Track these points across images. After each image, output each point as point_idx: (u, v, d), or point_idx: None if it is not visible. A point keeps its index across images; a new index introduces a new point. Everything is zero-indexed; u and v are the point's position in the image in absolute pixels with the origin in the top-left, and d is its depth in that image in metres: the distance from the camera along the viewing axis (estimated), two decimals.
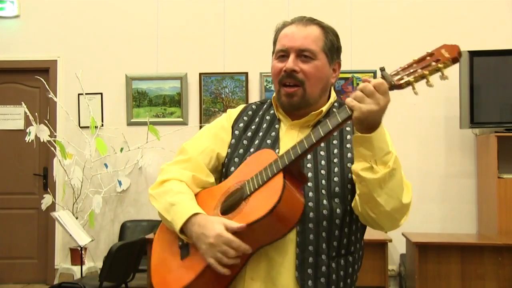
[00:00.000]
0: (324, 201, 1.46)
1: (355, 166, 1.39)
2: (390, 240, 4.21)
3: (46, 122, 5.18)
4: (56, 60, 5.51)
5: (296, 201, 1.37)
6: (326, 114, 1.59)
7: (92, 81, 5.34)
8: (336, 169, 1.49)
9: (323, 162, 1.50)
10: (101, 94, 5.43)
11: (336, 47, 1.59)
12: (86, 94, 5.21)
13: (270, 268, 1.44)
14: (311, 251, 1.44)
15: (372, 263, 4.12)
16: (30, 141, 4.96)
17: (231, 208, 1.44)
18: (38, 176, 5.56)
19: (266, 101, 1.69)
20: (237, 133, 1.63)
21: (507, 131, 4.60)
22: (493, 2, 5.12)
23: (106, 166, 5.22)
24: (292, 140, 1.52)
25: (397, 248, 4.98)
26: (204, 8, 5.40)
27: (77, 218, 4.87)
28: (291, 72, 1.52)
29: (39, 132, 4.95)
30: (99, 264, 4.59)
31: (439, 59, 1.28)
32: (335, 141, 1.54)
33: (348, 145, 1.52)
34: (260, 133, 1.61)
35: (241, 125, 1.64)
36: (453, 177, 5.08)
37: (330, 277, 1.46)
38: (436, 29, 5.13)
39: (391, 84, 1.31)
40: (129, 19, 5.47)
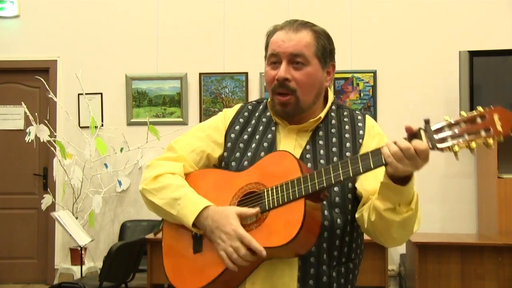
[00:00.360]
0: (325, 212, 1.45)
1: (378, 204, 1.37)
2: None
3: (46, 122, 5.18)
4: (56, 60, 5.51)
5: (313, 230, 1.37)
6: (324, 119, 1.58)
7: (92, 81, 5.34)
8: None
9: None
10: (101, 94, 5.43)
11: (329, 50, 1.58)
12: (86, 94, 5.21)
13: (272, 275, 1.44)
14: (313, 263, 1.44)
15: (372, 263, 4.12)
16: (30, 141, 4.96)
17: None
18: (38, 176, 5.56)
19: (263, 101, 1.68)
20: (233, 136, 1.62)
21: None
22: (493, 2, 5.12)
23: (106, 166, 5.22)
24: (290, 145, 1.53)
25: (397, 248, 4.98)
26: (204, 8, 5.40)
27: (77, 218, 4.87)
28: (283, 81, 1.51)
29: (39, 132, 4.95)
30: (99, 264, 4.59)
31: (490, 129, 1.18)
32: (334, 149, 1.53)
33: (348, 154, 1.51)
34: (257, 136, 1.59)
35: (237, 128, 1.63)
36: (453, 177, 5.08)
37: (331, 286, 1.47)
38: (436, 29, 5.14)
39: (432, 146, 1.25)
40: (129, 19, 5.47)
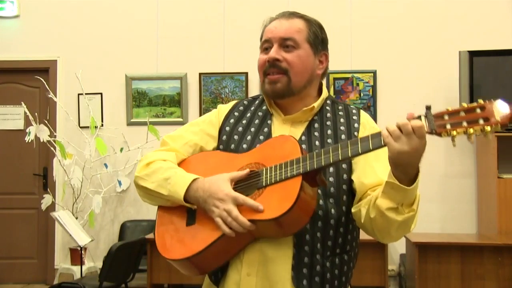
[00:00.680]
0: (320, 201, 1.46)
1: (381, 203, 1.37)
2: None
3: (46, 122, 5.17)
4: (56, 60, 5.51)
5: (306, 210, 1.38)
6: (320, 111, 1.59)
7: (92, 81, 5.34)
8: (331, 169, 1.49)
9: None
10: (101, 94, 5.43)
11: (321, 39, 1.62)
12: (86, 94, 5.21)
13: (267, 265, 1.45)
14: (307, 251, 1.45)
15: (372, 263, 4.12)
16: (30, 141, 4.96)
17: (244, 191, 1.44)
18: (38, 176, 5.56)
19: (258, 97, 1.69)
20: (228, 129, 1.63)
21: (507, 131, 4.59)
22: (493, 2, 5.12)
23: (106, 166, 5.22)
24: None
25: (397, 248, 4.99)
26: (204, 8, 5.40)
27: (77, 218, 4.87)
28: (274, 62, 1.54)
29: (39, 132, 4.95)
30: (99, 264, 4.59)
31: (488, 119, 1.22)
32: (330, 140, 1.53)
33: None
34: (252, 129, 1.60)
35: (232, 121, 1.64)
36: (453, 177, 5.08)
37: (325, 276, 1.47)
38: (436, 29, 5.14)
39: (432, 130, 1.27)
40: (129, 19, 5.47)
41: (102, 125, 5.36)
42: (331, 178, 1.48)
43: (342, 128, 1.55)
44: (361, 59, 5.17)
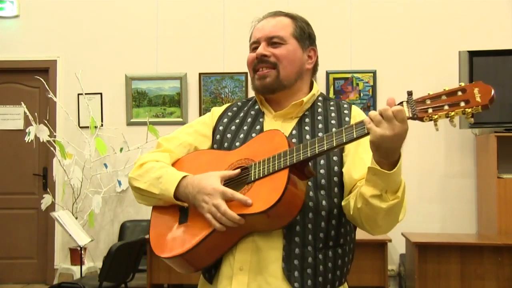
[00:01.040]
0: (310, 193, 1.47)
1: (365, 190, 1.38)
2: (390, 240, 4.21)
3: (46, 122, 5.17)
4: (56, 60, 5.51)
5: (295, 202, 1.38)
6: (311, 107, 1.61)
7: (92, 81, 5.34)
8: (322, 161, 1.50)
9: None
10: (101, 94, 5.43)
11: (308, 34, 1.63)
12: (86, 94, 5.21)
13: (259, 259, 1.45)
14: (297, 242, 1.45)
15: (372, 263, 4.13)
16: (30, 141, 4.96)
17: (234, 187, 1.45)
18: (38, 176, 5.56)
19: (252, 99, 1.72)
20: (221, 129, 1.65)
21: (507, 131, 4.60)
22: (493, 2, 5.12)
23: (106, 166, 5.22)
24: None
25: (397, 248, 4.99)
26: (204, 8, 5.41)
27: (77, 218, 4.87)
28: (262, 57, 1.57)
29: (39, 132, 4.95)
30: (99, 264, 4.59)
31: (469, 101, 1.23)
32: (320, 134, 1.54)
33: None
34: (245, 127, 1.62)
35: (225, 121, 1.67)
36: (453, 177, 5.08)
37: (317, 268, 1.46)
38: (436, 29, 5.14)
39: (413, 115, 1.26)
40: (129, 19, 5.47)
41: (102, 125, 5.36)
42: (322, 170, 1.49)
43: (333, 122, 1.57)
44: (361, 59, 5.17)
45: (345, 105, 1.62)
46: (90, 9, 5.50)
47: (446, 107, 1.24)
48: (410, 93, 1.29)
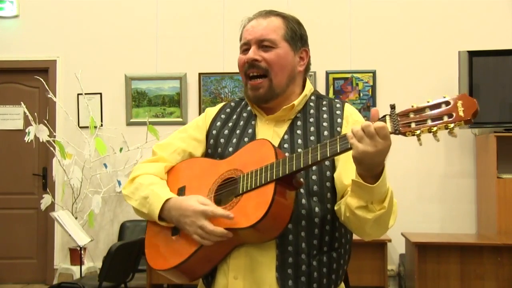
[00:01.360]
0: (303, 200, 1.46)
1: (350, 202, 1.37)
2: (390, 240, 4.22)
3: (46, 122, 5.17)
4: (56, 60, 5.51)
5: (283, 215, 1.38)
6: (303, 109, 1.59)
7: (92, 81, 5.34)
8: (314, 167, 1.48)
9: None
10: (101, 94, 5.43)
11: (300, 35, 1.60)
12: (86, 94, 5.21)
13: (253, 268, 1.45)
14: (291, 251, 1.45)
15: (372, 263, 4.13)
16: (30, 141, 4.95)
17: (223, 199, 1.46)
18: (38, 176, 5.56)
19: (245, 98, 1.69)
20: (215, 133, 1.64)
21: (507, 131, 4.60)
22: (493, 2, 5.12)
23: (106, 166, 5.22)
24: (268, 136, 1.54)
25: (397, 248, 4.99)
26: (204, 8, 5.40)
27: (77, 218, 4.87)
28: (253, 62, 1.54)
29: (39, 132, 4.95)
30: (99, 264, 4.59)
31: (453, 115, 1.20)
32: (312, 138, 1.53)
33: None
34: (237, 131, 1.61)
35: (218, 124, 1.66)
36: (453, 177, 5.08)
37: (311, 275, 1.46)
38: (436, 29, 5.14)
39: (395, 130, 1.25)
40: (129, 19, 5.47)
41: (102, 125, 5.36)
42: (314, 176, 1.48)
43: (325, 125, 1.55)
44: (361, 59, 5.17)
45: (338, 105, 1.60)
46: (90, 9, 5.50)
47: (429, 122, 1.22)
48: (393, 107, 1.27)
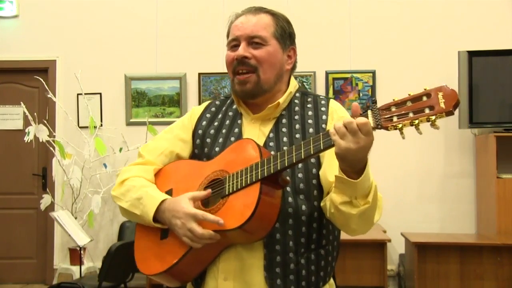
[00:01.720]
0: (289, 199, 1.46)
1: (334, 197, 1.38)
2: (389, 240, 4.22)
3: (45, 122, 5.17)
4: (55, 60, 5.51)
5: (270, 214, 1.38)
6: (288, 107, 1.59)
7: (91, 81, 5.34)
8: (300, 165, 1.48)
9: None
10: (100, 94, 5.43)
11: (288, 33, 1.61)
12: (85, 94, 5.21)
13: (242, 268, 1.45)
14: (278, 250, 1.45)
15: (371, 263, 4.13)
16: (29, 141, 4.95)
17: (211, 200, 1.45)
18: (37, 176, 5.56)
19: (230, 96, 1.69)
20: (201, 132, 1.63)
21: (506, 131, 4.60)
22: (493, 2, 5.12)
23: (105, 166, 5.21)
24: (254, 135, 1.54)
25: (396, 248, 4.99)
26: (204, 8, 5.40)
27: (76, 218, 4.87)
28: (243, 59, 1.53)
29: (38, 132, 4.95)
30: (98, 264, 4.59)
31: (434, 107, 1.20)
32: (298, 135, 1.53)
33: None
34: (223, 130, 1.61)
35: (204, 123, 1.65)
36: (452, 177, 5.08)
37: (300, 273, 1.46)
38: (435, 29, 5.14)
39: (377, 125, 1.24)
40: (128, 19, 5.47)
41: (101, 125, 5.36)
42: (300, 174, 1.48)
43: (310, 122, 1.55)
44: (360, 59, 5.17)
45: (323, 101, 1.60)
46: (90, 9, 5.50)
47: (411, 115, 1.22)
48: (374, 102, 1.27)
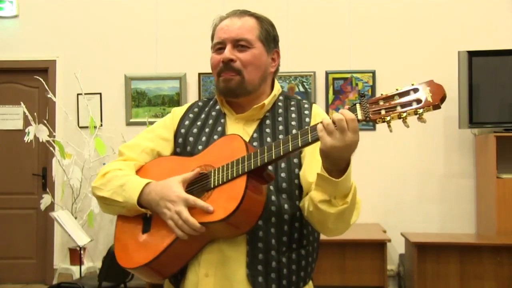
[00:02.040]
0: (272, 197, 1.47)
1: (314, 195, 1.39)
2: (389, 240, 4.22)
3: (45, 122, 5.17)
4: (55, 60, 5.51)
5: (255, 208, 1.38)
6: (272, 109, 1.61)
7: (91, 81, 5.33)
8: (283, 165, 1.50)
9: None
10: (100, 94, 5.43)
11: (273, 36, 1.63)
12: (85, 94, 5.21)
13: (224, 265, 1.45)
14: (261, 248, 1.45)
15: (371, 263, 4.13)
16: (29, 141, 4.95)
17: (195, 194, 1.45)
18: (37, 176, 5.56)
19: (213, 98, 1.71)
20: (183, 131, 1.64)
21: (506, 131, 4.60)
22: (493, 2, 5.12)
23: None
24: (238, 134, 1.54)
25: (396, 248, 4.99)
26: (204, 8, 5.40)
27: (76, 218, 4.87)
28: (228, 62, 1.55)
29: (38, 132, 4.95)
30: (98, 264, 4.59)
31: (421, 101, 1.24)
32: (281, 136, 1.54)
33: None
34: (207, 129, 1.61)
35: (187, 123, 1.65)
36: (452, 177, 5.09)
37: (281, 272, 1.47)
38: (435, 29, 5.14)
39: (366, 117, 1.27)
40: (128, 19, 5.47)
41: (101, 125, 5.36)
42: (283, 174, 1.49)
43: (294, 123, 1.57)
44: (360, 59, 5.17)
45: (306, 105, 1.62)
46: (90, 9, 5.50)
47: (399, 108, 1.25)
48: (363, 95, 1.30)
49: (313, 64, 5.17)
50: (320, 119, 1.53)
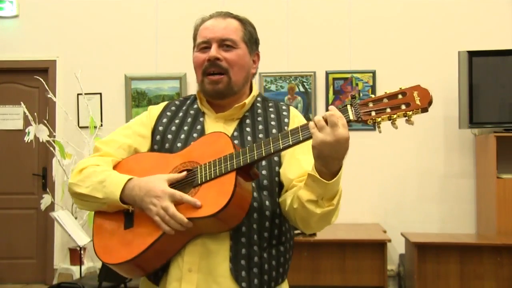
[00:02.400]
0: (255, 194, 1.48)
1: (302, 194, 1.41)
2: (389, 240, 4.22)
3: (45, 122, 5.17)
4: (55, 60, 5.51)
5: (243, 203, 1.41)
6: (251, 108, 1.64)
7: (91, 81, 5.33)
8: (264, 163, 1.52)
9: None
10: (100, 94, 5.43)
11: (255, 38, 1.67)
12: (85, 94, 5.21)
13: (207, 260, 1.46)
14: (244, 243, 1.47)
15: (371, 263, 4.13)
16: (29, 141, 4.95)
17: (180, 190, 1.44)
18: (37, 176, 5.56)
19: (190, 97, 1.73)
20: (161, 129, 1.64)
21: (506, 131, 4.60)
22: (493, 2, 5.12)
23: None
24: None
25: (396, 248, 4.99)
26: (204, 8, 5.38)
27: (76, 218, 4.87)
28: (215, 61, 1.57)
29: (38, 132, 4.95)
30: (98, 264, 4.59)
31: (410, 104, 1.29)
32: (261, 135, 1.57)
33: None
34: (185, 127, 1.62)
35: (165, 121, 1.66)
36: (452, 177, 5.09)
37: (263, 267, 1.49)
38: (435, 29, 5.14)
39: (358, 118, 1.30)
40: (128, 19, 5.47)
41: (101, 125, 5.37)
42: (264, 171, 1.52)
43: (273, 123, 1.60)
44: (361, 59, 5.17)
45: (284, 107, 1.66)
46: (90, 9, 5.50)
47: (388, 110, 1.29)
48: (354, 97, 1.33)
49: (313, 64, 5.17)
50: (298, 121, 1.60)
